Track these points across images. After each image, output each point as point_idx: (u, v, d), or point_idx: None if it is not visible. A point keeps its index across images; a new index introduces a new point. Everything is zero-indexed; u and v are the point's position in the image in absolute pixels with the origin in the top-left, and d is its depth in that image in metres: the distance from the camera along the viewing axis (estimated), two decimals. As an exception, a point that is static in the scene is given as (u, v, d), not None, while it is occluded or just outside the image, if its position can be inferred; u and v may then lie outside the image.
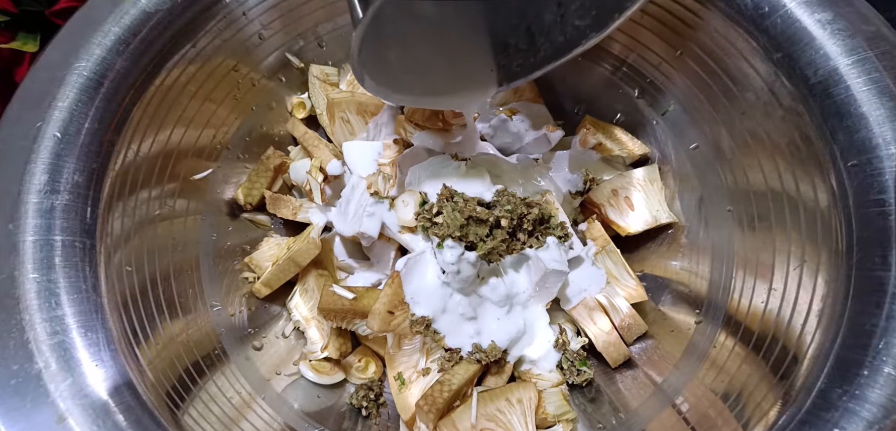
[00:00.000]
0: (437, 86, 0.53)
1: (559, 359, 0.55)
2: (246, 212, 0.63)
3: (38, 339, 0.40)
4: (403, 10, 0.47)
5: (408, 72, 0.51)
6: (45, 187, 0.43)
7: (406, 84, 0.50)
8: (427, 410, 0.49)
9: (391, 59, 0.49)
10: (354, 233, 0.56)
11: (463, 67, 0.54)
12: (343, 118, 0.60)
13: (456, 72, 0.54)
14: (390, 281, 0.52)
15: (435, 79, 0.53)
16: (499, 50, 0.53)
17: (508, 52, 0.53)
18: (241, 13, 0.56)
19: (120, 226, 0.48)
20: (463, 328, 0.52)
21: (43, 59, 0.46)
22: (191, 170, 0.57)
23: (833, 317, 0.41)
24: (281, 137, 0.66)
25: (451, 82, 0.54)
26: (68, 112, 0.45)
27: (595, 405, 0.55)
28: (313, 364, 0.56)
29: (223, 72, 0.57)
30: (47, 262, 0.42)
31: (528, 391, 0.51)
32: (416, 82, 0.51)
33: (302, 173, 0.61)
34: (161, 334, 0.48)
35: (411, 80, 0.51)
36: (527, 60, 0.53)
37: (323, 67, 0.65)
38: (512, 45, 0.52)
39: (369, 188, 0.56)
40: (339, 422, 0.54)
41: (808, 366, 0.41)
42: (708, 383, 0.49)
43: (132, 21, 0.48)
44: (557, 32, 0.51)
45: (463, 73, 0.54)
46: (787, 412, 0.40)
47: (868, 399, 0.37)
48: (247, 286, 0.60)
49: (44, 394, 0.39)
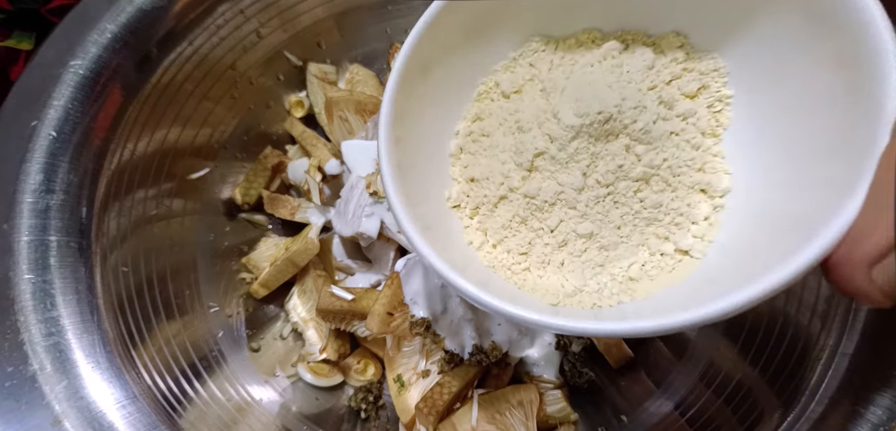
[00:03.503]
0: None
1: (560, 360, 0.55)
2: (243, 212, 0.62)
3: (33, 341, 0.40)
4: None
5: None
6: (40, 187, 0.43)
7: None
8: (427, 412, 0.49)
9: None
10: (353, 234, 0.55)
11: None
12: (341, 117, 0.60)
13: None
14: (389, 282, 0.52)
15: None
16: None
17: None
18: (239, 11, 0.55)
19: (116, 226, 0.47)
20: (463, 329, 0.52)
21: (38, 57, 0.46)
22: (188, 169, 0.56)
23: (838, 319, 0.41)
24: (279, 136, 0.66)
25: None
26: (64, 111, 0.45)
27: (596, 406, 0.55)
28: (312, 366, 0.56)
29: (220, 71, 0.57)
30: (42, 263, 0.42)
31: (529, 392, 0.51)
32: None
33: (300, 172, 0.61)
34: (157, 335, 0.48)
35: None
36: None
37: (321, 66, 0.65)
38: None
39: (368, 188, 0.55)
40: (338, 425, 0.54)
41: (813, 369, 0.41)
42: (711, 385, 0.48)
43: (128, 18, 0.48)
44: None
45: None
46: (791, 415, 0.40)
47: (873, 401, 0.36)
48: (244, 287, 0.59)
49: (39, 397, 0.38)
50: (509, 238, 0.38)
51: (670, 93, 0.36)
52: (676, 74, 0.37)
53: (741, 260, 0.31)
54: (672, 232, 0.36)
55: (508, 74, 0.40)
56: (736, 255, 0.32)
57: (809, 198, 0.29)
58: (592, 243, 0.36)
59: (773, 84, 0.34)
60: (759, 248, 0.31)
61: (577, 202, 0.36)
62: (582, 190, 0.36)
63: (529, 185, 0.37)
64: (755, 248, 0.31)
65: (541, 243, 0.37)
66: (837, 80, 0.29)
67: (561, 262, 0.37)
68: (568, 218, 0.36)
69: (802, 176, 0.31)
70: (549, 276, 0.37)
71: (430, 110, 0.39)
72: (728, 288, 0.27)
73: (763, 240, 0.31)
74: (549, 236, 0.37)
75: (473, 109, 0.41)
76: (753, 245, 0.31)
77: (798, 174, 0.31)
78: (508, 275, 0.37)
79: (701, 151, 0.36)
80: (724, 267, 0.32)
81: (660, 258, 0.35)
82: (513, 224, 0.38)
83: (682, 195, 0.35)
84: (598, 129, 0.34)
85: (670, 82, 0.37)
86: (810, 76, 0.31)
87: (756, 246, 0.31)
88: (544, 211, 0.37)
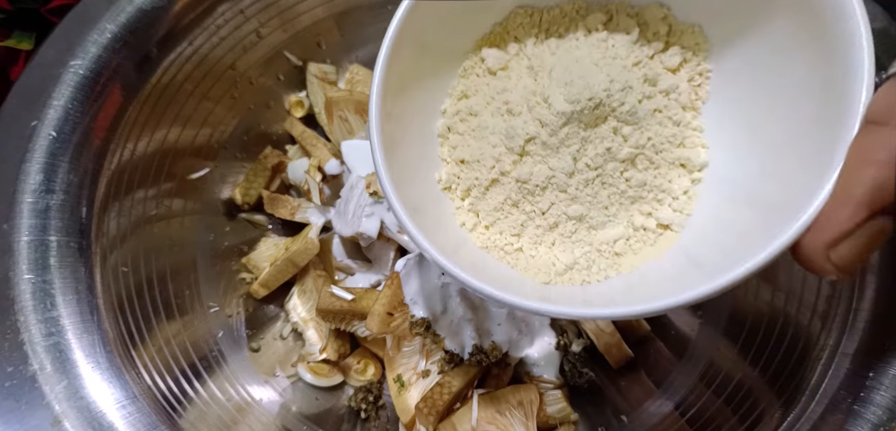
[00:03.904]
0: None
1: (560, 360, 0.55)
2: (243, 212, 0.62)
3: (33, 341, 0.40)
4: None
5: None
6: (40, 187, 0.43)
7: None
8: (427, 412, 0.49)
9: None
10: (353, 234, 0.55)
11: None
12: (341, 117, 0.60)
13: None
14: (389, 282, 0.52)
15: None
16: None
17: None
18: (239, 11, 0.55)
19: (116, 226, 0.47)
20: (463, 329, 0.52)
21: (38, 57, 0.46)
22: (188, 169, 0.56)
23: (838, 319, 0.41)
24: (279, 136, 0.66)
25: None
26: (64, 111, 0.45)
27: (596, 406, 0.55)
28: (312, 366, 0.56)
29: (220, 71, 0.57)
30: (42, 263, 0.42)
31: (529, 393, 0.51)
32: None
33: (300, 172, 0.61)
34: (157, 335, 0.48)
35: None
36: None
37: (321, 65, 0.64)
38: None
39: (368, 188, 0.55)
40: (338, 425, 0.54)
41: (813, 369, 0.40)
42: (711, 385, 0.48)
43: (128, 18, 0.48)
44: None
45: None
46: (791, 415, 0.40)
47: (873, 401, 0.36)
48: (244, 287, 0.59)
49: (39, 397, 0.38)
50: (502, 220, 0.39)
51: (654, 69, 0.37)
52: (659, 49, 0.37)
53: (720, 239, 0.33)
54: (654, 207, 0.37)
55: (494, 49, 0.40)
56: (715, 235, 0.34)
57: (783, 180, 0.31)
58: (582, 224, 0.38)
59: (751, 63, 0.35)
60: (737, 228, 0.32)
61: (567, 185, 0.37)
62: (572, 174, 0.36)
63: (521, 170, 0.37)
64: (733, 228, 0.33)
65: (532, 225, 0.38)
66: (814, 69, 0.30)
67: (552, 243, 0.38)
68: (559, 201, 0.37)
69: (777, 157, 0.32)
70: (541, 256, 0.38)
71: (419, 86, 0.39)
72: (710, 271, 0.29)
73: (741, 220, 0.32)
74: (541, 218, 0.38)
75: (459, 87, 0.41)
76: (731, 224, 0.33)
77: (772, 155, 0.33)
78: (502, 256, 0.38)
79: (681, 127, 0.37)
80: (705, 246, 0.34)
81: (643, 233, 0.37)
82: (505, 207, 0.39)
83: (664, 171, 0.37)
84: (588, 116, 0.35)
85: (653, 57, 0.37)
86: (788, 61, 0.32)
87: (734, 225, 0.33)
88: (536, 194, 0.38)
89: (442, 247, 0.33)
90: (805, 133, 0.30)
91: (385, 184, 0.34)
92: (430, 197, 0.39)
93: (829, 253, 0.26)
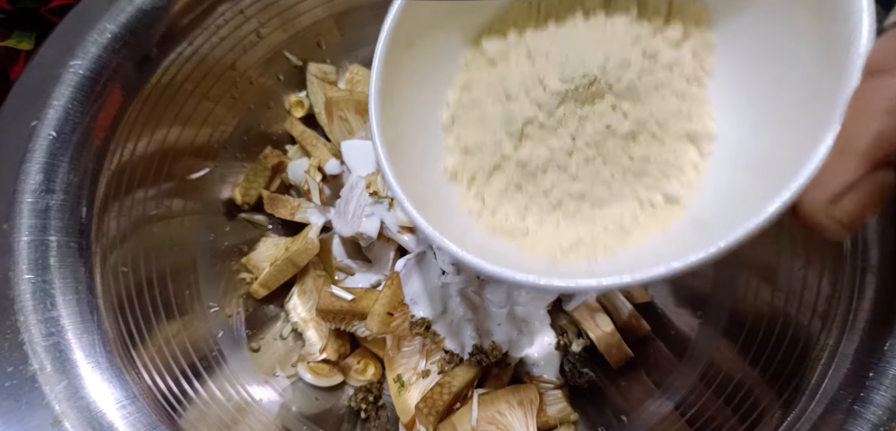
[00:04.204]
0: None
1: (560, 360, 0.55)
2: (243, 212, 0.62)
3: (33, 341, 0.40)
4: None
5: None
6: (40, 187, 0.43)
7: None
8: (427, 412, 0.49)
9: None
10: (353, 234, 0.55)
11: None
12: (341, 117, 0.60)
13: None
14: (389, 282, 0.52)
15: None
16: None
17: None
18: (239, 11, 0.55)
19: (116, 226, 0.47)
20: (463, 329, 0.52)
21: (38, 57, 0.46)
22: (187, 169, 0.56)
23: (838, 319, 0.41)
24: (279, 136, 0.66)
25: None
26: (63, 111, 0.45)
27: (596, 406, 0.55)
28: (312, 366, 0.56)
29: (220, 71, 0.57)
30: (42, 263, 0.42)
31: (529, 393, 0.51)
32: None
33: (300, 172, 0.61)
34: (157, 335, 0.47)
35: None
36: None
37: (321, 65, 0.64)
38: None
39: (368, 188, 0.55)
40: (338, 425, 0.54)
41: (813, 369, 0.40)
42: (711, 385, 0.48)
43: (128, 18, 0.48)
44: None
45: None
46: (791, 415, 0.40)
47: (873, 401, 0.36)
48: (244, 287, 0.59)
49: (39, 397, 0.38)
50: (506, 203, 0.39)
51: (654, 45, 0.36)
52: (660, 26, 0.37)
53: (726, 204, 0.33)
54: (660, 182, 0.37)
55: (494, 40, 0.40)
56: (721, 201, 0.34)
57: (788, 142, 0.30)
58: (585, 202, 0.37)
59: (753, 29, 0.35)
60: (742, 192, 0.32)
61: (567, 165, 0.37)
62: (572, 153, 0.36)
63: (521, 152, 0.37)
64: (739, 193, 0.32)
65: (536, 206, 0.38)
66: (814, 27, 0.30)
67: (557, 222, 0.38)
68: (560, 182, 0.37)
69: (783, 121, 0.32)
70: (547, 235, 0.38)
71: (418, 83, 0.40)
72: (715, 234, 0.28)
73: (747, 185, 0.32)
74: (544, 199, 0.38)
75: (461, 78, 0.41)
76: (738, 190, 0.33)
77: (779, 119, 0.32)
78: (508, 239, 0.38)
79: (687, 100, 0.36)
80: (711, 212, 0.34)
81: (650, 208, 0.37)
82: (509, 190, 0.39)
83: (670, 145, 0.36)
84: (583, 94, 0.35)
85: (654, 34, 0.37)
86: (790, 22, 0.32)
87: (740, 190, 0.32)
88: (537, 176, 0.38)
89: (449, 235, 0.33)
90: (810, 93, 0.30)
91: (390, 180, 0.35)
92: (436, 188, 0.40)
93: (831, 210, 0.25)
